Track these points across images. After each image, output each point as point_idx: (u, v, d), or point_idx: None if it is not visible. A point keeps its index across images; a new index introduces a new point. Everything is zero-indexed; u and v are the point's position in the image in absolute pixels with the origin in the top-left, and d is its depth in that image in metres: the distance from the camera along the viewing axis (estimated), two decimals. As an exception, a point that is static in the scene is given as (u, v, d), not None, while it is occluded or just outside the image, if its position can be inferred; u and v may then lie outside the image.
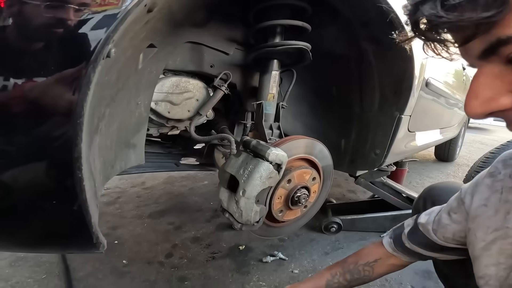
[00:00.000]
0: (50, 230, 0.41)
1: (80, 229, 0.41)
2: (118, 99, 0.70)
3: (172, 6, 0.62)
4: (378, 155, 1.12)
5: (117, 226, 1.57)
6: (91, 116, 0.55)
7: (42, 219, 0.39)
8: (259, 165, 0.69)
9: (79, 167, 0.36)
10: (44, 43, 0.33)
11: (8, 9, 0.33)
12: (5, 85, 0.32)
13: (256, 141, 0.75)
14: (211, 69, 0.96)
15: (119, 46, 0.50)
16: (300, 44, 0.84)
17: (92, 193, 0.54)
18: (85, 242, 0.44)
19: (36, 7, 0.33)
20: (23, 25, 0.33)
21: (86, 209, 0.39)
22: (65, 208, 0.38)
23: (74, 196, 0.37)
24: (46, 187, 0.37)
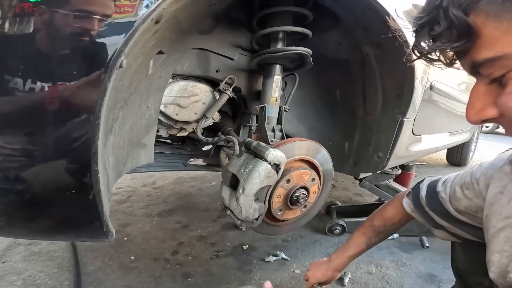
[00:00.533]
0: (67, 218, 0.46)
1: (93, 217, 0.46)
2: (130, 102, 0.76)
3: (179, 15, 0.67)
4: (380, 158, 1.14)
5: (127, 224, 1.63)
6: (106, 118, 0.61)
7: (61, 208, 0.45)
8: (258, 165, 0.73)
9: (95, 161, 0.42)
10: (68, 55, 0.39)
11: (38, 16, 0.39)
12: (33, 88, 0.37)
13: (256, 143, 0.79)
14: (217, 74, 1.00)
15: (130, 55, 0.55)
16: (301, 50, 0.87)
17: (105, 187, 0.59)
18: (96, 230, 0.49)
19: (60, 21, 0.38)
20: (45, 37, 0.39)
21: (100, 198, 0.45)
22: (82, 197, 0.43)
23: (90, 187, 0.43)
24: (67, 179, 0.42)
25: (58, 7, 0.39)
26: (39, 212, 0.47)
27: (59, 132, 0.40)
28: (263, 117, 0.96)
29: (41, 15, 0.39)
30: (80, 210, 0.46)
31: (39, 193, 0.45)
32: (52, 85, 0.38)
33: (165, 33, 0.71)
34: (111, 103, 0.60)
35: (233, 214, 0.80)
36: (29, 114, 0.39)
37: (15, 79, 0.38)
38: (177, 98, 0.94)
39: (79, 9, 0.39)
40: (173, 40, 0.79)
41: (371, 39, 0.99)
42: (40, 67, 0.38)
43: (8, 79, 0.38)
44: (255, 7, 0.93)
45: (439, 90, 1.33)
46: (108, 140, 0.66)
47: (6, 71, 0.38)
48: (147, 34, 0.58)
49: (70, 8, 0.39)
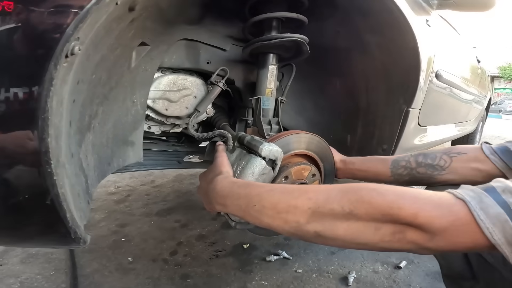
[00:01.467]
0: (27, 225, 0.41)
1: (55, 223, 0.41)
2: (112, 97, 0.71)
3: (160, 3, 0.62)
4: (385, 151, 1.08)
5: (126, 224, 1.60)
6: (79, 114, 0.56)
7: (19, 214, 0.40)
8: (251, 161, 0.67)
9: (47, 162, 0.36)
10: (5, 43, 0.34)
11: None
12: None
13: (250, 137, 0.74)
14: (208, 65, 0.95)
15: (101, 45, 0.50)
16: (296, 37, 0.81)
17: (80, 190, 0.55)
18: (63, 237, 0.44)
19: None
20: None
21: (60, 204, 0.39)
22: (37, 202, 0.38)
23: (45, 191, 0.37)
24: (18, 184, 0.37)
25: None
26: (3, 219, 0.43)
27: (3, 130, 0.35)
28: (259, 109, 0.90)
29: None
30: (39, 217, 0.41)
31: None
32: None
33: (145, 23, 0.66)
34: (83, 99, 0.55)
35: (226, 214, 0.74)
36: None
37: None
38: (166, 92, 0.89)
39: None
40: (156, 31, 0.74)
41: (372, 25, 0.93)
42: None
43: None
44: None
45: (445, 79, 1.26)
46: (85, 138, 0.61)
47: None
48: (121, 22, 0.53)
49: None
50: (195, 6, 0.84)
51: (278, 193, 0.48)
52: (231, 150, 0.76)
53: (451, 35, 1.64)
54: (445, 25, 1.58)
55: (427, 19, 1.08)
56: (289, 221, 0.44)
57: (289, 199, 0.46)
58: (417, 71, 0.94)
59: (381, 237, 0.38)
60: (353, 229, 0.40)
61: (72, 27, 0.34)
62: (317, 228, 0.42)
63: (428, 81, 1.07)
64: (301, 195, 0.46)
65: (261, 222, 0.48)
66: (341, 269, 1.25)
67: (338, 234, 0.41)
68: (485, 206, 0.33)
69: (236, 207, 0.51)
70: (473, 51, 2.06)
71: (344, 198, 0.41)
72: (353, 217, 0.39)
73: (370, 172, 0.79)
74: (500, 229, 0.32)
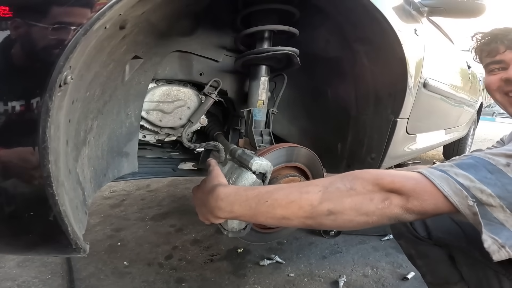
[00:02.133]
0: (31, 237, 0.44)
1: (58, 236, 0.44)
2: (106, 111, 0.73)
3: (150, 19, 0.64)
4: (374, 160, 1.11)
5: (121, 228, 1.62)
6: (75, 131, 0.58)
7: (24, 226, 0.43)
8: (242, 175, 0.70)
9: (49, 185, 0.39)
10: (5, 73, 0.36)
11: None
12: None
13: (241, 150, 0.76)
14: (201, 77, 0.97)
15: (93, 63, 0.52)
16: (287, 50, 0.84)
17: (78, 202, 0.57)
18: (64, 248, 0.47)
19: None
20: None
21: (62, 219, 0.42)
22: (42, 219, 0.41)
23: (48, 209, 0.40)
24: (25, 201, 0.40)
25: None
26: (8, 230, 0.46)
27: (7, 157, 0.38)
28: (250, 121, 0.92)
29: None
30: (42, 231, 0.44)
31: (2, 212, 0.43)
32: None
33: (137, 38, 0.67)
34: (78, 116, 0.57)
35: (220, 224, 0.77)
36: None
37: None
38: (160, 103, 0.91)
39: (17, 24, 0.36)
40: (149, 44, 0.76)
41: (361, 35, 0.95)
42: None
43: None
44: (239, 5, 0.89)
45: (434, 87, 1.29)
46: (81, 153, 0.63)
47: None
48: (112, 40, 0.55)
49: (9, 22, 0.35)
50: (187, 18, 0.86)
51: (286, 187, 0.56)
52: (223, 163, 0.78)
53: (440, 42, 1.67)
54: (435, 32, 1.61)
55: (415, 28, 1.10)
56: (303, 205, 0.51)
57: (299, 188, 0.53)
58: (404, 81, 0.97)
59: (375, 204, 0.48)
60: (355, 201, 0.49)
61: (63, 58, 0.36)
62: (329, 206, 0.49)
63: (416, 90, 1.09)
64: (309, 184, 0.55)
65: (273, 215, 0.52)
66: (332, 273, 1.28)
67: (345, 208, 0.49)
68: (432, 172, 0.49)
69: (245, 208, 0.54)
70: (463, 56, 2.09)
71: (344, 179, 0.52)
72: (353, 191, 0.49)
73: None
74: (446, 184, 0.46)
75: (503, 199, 0.44)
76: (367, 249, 1.45)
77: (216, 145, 0.89)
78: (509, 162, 0.46)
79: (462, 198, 0.45)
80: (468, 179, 0.46)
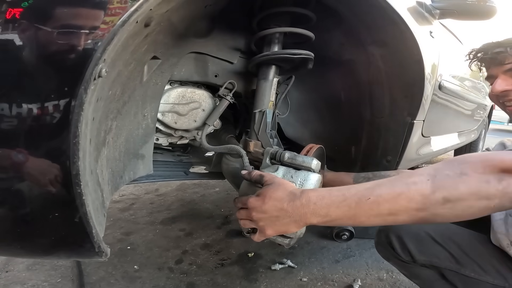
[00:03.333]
0: (55, 240, 0.43)
1: (82, 239, 0.43)
2: (124, 112, 0.73)
3: (172, 18, 0.64)
4: (390, 162, 1.09)
5: (131, 232, 1.61)
6: (97, 131, 0.57)
7: (48, 229, 0.42)
8: (310, 177, 0.68)
9: (77, 183, 0.38)
10: (37, 68, 0.35)
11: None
12: (4, 109, 0.34)
13: (290, 153, 0.74)
14: (216, 78, 0.97)
15: (119, 61, 0.52)
16: (304, 54, 0.83)
17: (98, 204, 0.56)
18: (87, 251, 0.46)
19: (30, 31, 0.35)
20: (19, 50, 0.35)
21: (87, 221, 0.41)
22: (67, 220, 0.40)
23: (75, 210, 0.39)
24: (49, 203, 0.39)
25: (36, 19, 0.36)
26: (24, 233, 0.45)
27: (34, 154, 0.37)
28: (264, 122, 0.91)
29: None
30: (67, 233, 0.43)
31: (22, 215, 0.42)
32: (23, 103, 0.35)
33: (158, 37, 0.67)
34: (102, 114, 0.57)
35: (280, 236, 0.73)
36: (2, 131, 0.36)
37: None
38: (175, 105, 0.91)
39: (50, 16, 0.35)
40: (168, 44, 0.76)
41: (376, 38, 0.94)
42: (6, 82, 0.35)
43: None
44: (256, 8, 0.89)
45: (448, 89, 1.27)
46: (101, 154, 0.63)
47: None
48: (136, 38, 0.55)
49: (41, 17, 0.35)
50: (204, 20, 0.86)
51: (386, 182, 0.51)
52: (270, 169, 0.74)
53: (453, 44, 1.66)
54: (447, 34, 1.60)
55: (430, 30, 1.10)
56: (414, 197, 0.46)
57: (402, 180, 0.48)
58: (422, 83, 0.96)
59: (494, 186, 0.44)
60: (471, 185, 0.45)
61: (101, 49, 0.36)
62: (444, 194, 0.45)
63: (432, 92, 1.08)
64: (411, 175, 0.49)
65: (378, 212, 0.48)
66: (346, 277, 1.25)
67: (462, 193, 0.45)
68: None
69: (343, 209, 0.50)
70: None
71: (450, 165, 0.48)
72: (466, 176, 0.45)
73: (336, 182, 0.91)
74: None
75: None
76: (371, 263, 1.42)
77: (236, 149, 0.86)
78: None
79: None
80: None
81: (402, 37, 0.88)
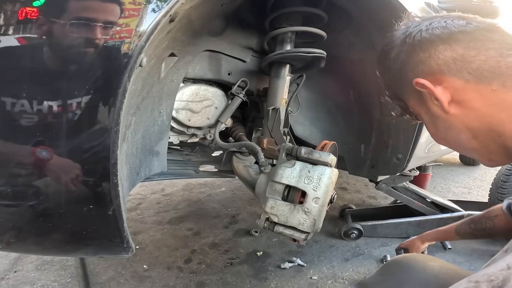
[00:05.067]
0: (84, 235, 0.43)
1: (113, 233, 0.43)
2: (142, 108, 0.73)
3: (191, 15, 0.65)
4: (400, 160, 1.10)
5: (139, 232, 1.61)
6: (124, 117, 0.58)
7: (78, 224, 0.42)
8: (327, 172, 0.70)
9: (115, 173, 0.39)
10: (83, 58, 0.36)
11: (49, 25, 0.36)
12: (45, 94, 0.35)
13: (306, 148, 0.75)
14: (229, 76, 0.98)
15: (146, 55, 0.53)
16: (317, 52, 0.85)
17: (122, 197, 0.57)
18: (116, 246, 0.46)
19: (74, 25, 0.36)
20: (64, 41, 0.36)
21: (120, 213, 0.42)
22: (101, 212, 0.40)
23: (109, 201, 0.39)
24: (84, 193, 0.39)
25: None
26: (53, 228, 0.45)
27: (73, 141, 0.37)
28: (277, 120, 0.92)
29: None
30: (99, 226, 0.43)
31: (53, 208, 0.42)
32: (65, 93, 0.35)
33: (177, 34, 0.69)
34: (124, 109, 0.57)
35: (294, 229, 0.74)
36: (41, 122, 0.36)
37: (27, 86, 0.36)
38: (189, 103, 0.92)
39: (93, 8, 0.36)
40: (184, 42, 0.77)
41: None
42: (55, 70, 0.35)
43: (21, 84, 0.35)
44: (268, 7, 0.91)
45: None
46: (122, 149, 0.63)
47: (22, 73, 0.35)
48: (161, 33, 0.55)
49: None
50: (218, 18, 0.87)
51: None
52: (287, 164, 0.75)
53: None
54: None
55: (437, 31, 1.11)
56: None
57: None
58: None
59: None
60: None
61: (145, 38, 0.36)
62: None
63: (441, 91, 1.09)
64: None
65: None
66: (356, 275, 1.25)
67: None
68: None
69: None
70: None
71: None
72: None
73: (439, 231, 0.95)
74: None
75: None
76: (390, 251, 1.42)
77: (251, 146, 0.87)
78: None
79: None
80: None
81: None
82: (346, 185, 2.36)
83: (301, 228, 0.73)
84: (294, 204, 0.73)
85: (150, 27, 0.36)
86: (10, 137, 0.37)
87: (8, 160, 0.37)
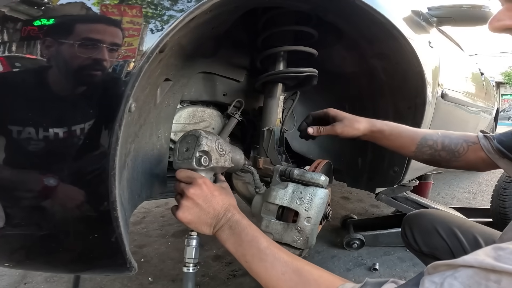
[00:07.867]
0: (92, 257, 0.49)
1: (116, 257, 0.48)
2: (141, 134, 0.77)
3: (181, 42, 0.67)
4: (397, 173, 1.11)
5: (143, 245, 1.65)
6: (120, 156, 0.62)
7: (84, 249, 0.47)
8: (319, 193, 0.72)
9: (114, 208, 0.43)
10: (73, 108, 0.40)
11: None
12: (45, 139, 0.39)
13: (299, 170, 0.77)
14: (224, 97, 1.00)
15: (137, 90, 0.56)
16: (309, 71, 0.87)
17: (124, 223, 0.60)
18: (119, 266, 0.51)
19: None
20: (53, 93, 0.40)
21: (122, 240, 0.47)
22: (105, 240, 0.46)
23: (111, 231, 0.45)
24: (91, 224, 0.45)
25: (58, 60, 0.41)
26: (62, 250, 0.50)
27: (75, 184, 0.42)
28: (272, 140, 0.94)
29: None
30: (104, 251, 0.49)
31: (62, 235, 0.47)
32: (63, 137, 0.40)
33: (169, 60, 0.71)
34: (123, 139, 0.61)
35: (287, 246, 0.76)
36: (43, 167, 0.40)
37: (28, 123, 0.41)
38: (186, 125, 0.95)
39: (78, 55, 0.40)
40: (178, 66, 0.79)
41: (378, 51, 0.97)
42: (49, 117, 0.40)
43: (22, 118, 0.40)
44: (259, 27, 0.94)
45: (451, 97, 1.29)
46: (123, 176, 0.67)
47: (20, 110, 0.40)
48: (151, 64, 0.58)
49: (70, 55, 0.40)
50: (210, 40, 0.89)
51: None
52: (280, 186, 0.78)
53: (453, 51, 1.68)
54: (446, 42, 1.62)
55: (429, 40, 1.12)
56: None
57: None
58: (424, 94, 0.98)
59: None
60: None
61: (130, 86, 0.40)
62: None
63: (435, 102, 1.10)
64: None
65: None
66: None
67: None
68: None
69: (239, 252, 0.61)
70: (475, 63, 2.08)
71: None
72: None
73: (395, 143, 0.85)
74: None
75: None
76: (392, 260, 1.43)
77: (248, 168, 0.88)
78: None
79: None
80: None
81: (401, 50, 0.91)
82: (349, 194, 2.37)
83: (295, 245, 0.75)
84: (287, 223, 0.75)
85: (134, 76, 0.41)
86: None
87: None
